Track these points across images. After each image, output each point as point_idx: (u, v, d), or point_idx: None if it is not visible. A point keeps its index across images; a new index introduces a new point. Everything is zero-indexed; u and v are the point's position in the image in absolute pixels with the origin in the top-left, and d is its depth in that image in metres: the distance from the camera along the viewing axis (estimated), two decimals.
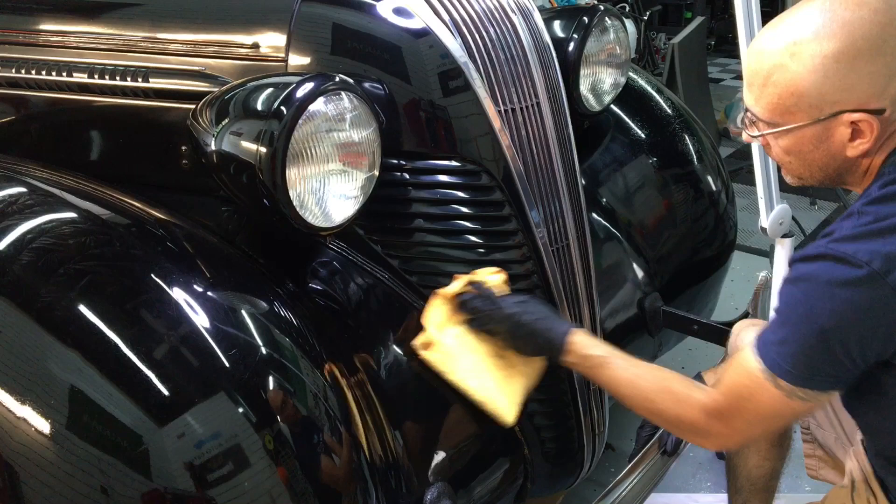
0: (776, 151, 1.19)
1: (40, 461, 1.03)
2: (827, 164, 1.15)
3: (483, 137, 1.46)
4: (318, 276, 1.50)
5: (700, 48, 4.87)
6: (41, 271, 1.18)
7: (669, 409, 1.27)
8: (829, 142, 1.12)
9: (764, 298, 2.07)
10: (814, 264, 1.08)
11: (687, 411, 1.24)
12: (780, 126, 1.13)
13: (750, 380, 1.14)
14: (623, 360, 1.34)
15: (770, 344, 1.12)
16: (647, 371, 1.32)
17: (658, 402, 1.28)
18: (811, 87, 1.08)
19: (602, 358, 1.34)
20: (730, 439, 1.27)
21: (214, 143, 1.33)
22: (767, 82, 1.12)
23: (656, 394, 1.28)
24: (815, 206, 4.07)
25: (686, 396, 1.25)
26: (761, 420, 1.18)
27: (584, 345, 1.36)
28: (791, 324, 1.10)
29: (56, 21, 1.76)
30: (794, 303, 1.10)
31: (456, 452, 1.42)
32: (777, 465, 1.65)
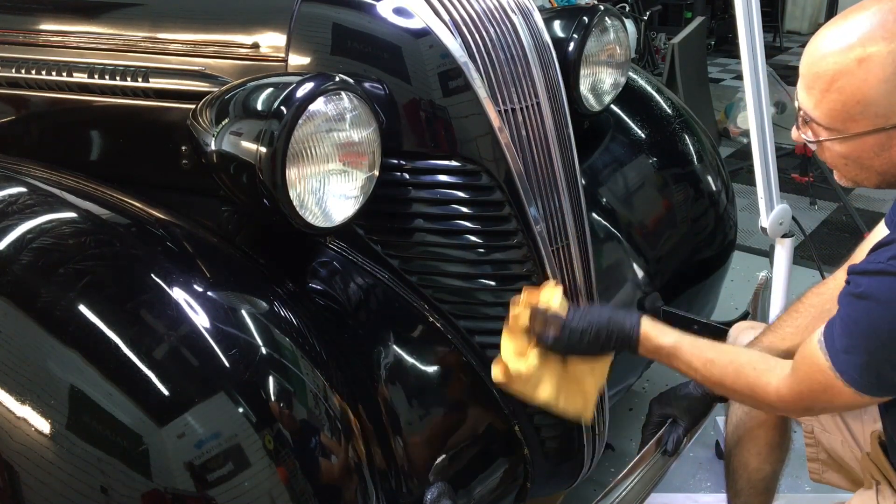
0: (831, 155, 1.16)
1: (40, 461, 1.03)
2: (887, 171, 1.13)
3: (483, 137, 1.46)
4: (318, 276, 1.50)
5: (700, 48, 4.87)
6: (41, 271, 1.18)
7: (745, 392, 1.30)
8: (892, 150, 1.09)
9: (764, 298, 2.07)
10: (874, 280, 1.08)
11: (762, 396, 1.27)
12: (840, 132, 1.10)
13: (822, 375, 1.16)
14: (691, 346, 1.35)
15: (838, 351, 1.13)
16: (717, 355, 1.33)
17: (734, 385, 1.31)
18: (880, 96, 1.05)
19: (671, 347, 1.36)
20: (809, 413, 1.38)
21: (214, 143, 1.33)
22: (831, 88, 1.08)
23: (729, 378, 1.31)
24: (815, 206, 4.07)
25: (759, 382, 1.27)
26: (836, 406, 1.26)
27: (653, 335, 1.37)
28: (854, 337, 1.11)
29: (56, 21, 1.76)
30: (857, 318, 1.11)
31: (456, 452, 1.42)
32: (777, 467, 1.65)
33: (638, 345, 1.38)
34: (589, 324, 1.39)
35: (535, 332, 1.41)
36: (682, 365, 1.36)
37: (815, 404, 1.22)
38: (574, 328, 1.39)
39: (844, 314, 1.13)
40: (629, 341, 1.38)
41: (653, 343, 1.37)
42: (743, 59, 1.95)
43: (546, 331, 1.40)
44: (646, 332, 1.38)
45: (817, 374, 1.17)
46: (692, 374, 1.36)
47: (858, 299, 1.10)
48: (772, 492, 1.67)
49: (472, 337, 1.49)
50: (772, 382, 1.25)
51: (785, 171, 4.08)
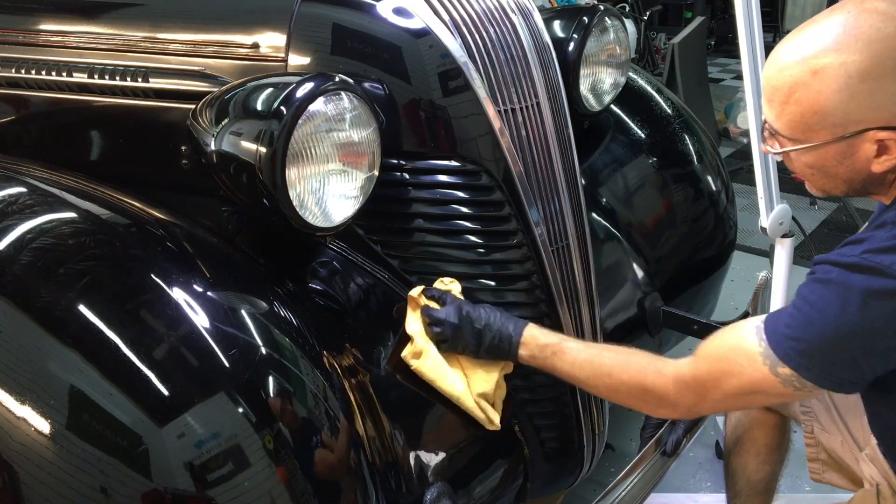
0: (798, 165, 1.17)
1: (40, 461, 1.03)
2: (852, 178, 1.14)
3: (483, 137, 1.46)
4: (318, 276, 1.50)
5: (700, 48, 4.87)
6: (41, 271, 1.18)
7: (633, 380, 1.26)
8: (854, 158, 1.10)
9: (764, 298, 2.07)
10: (847, 273, 1.07)
11: (654, 379, 1.24)
12: (802, 142, 1.11)
13: (745, 358, 1.14)
14: (577, 343, 1.35)
15: (786, 336, 1.11)
16: (604, 349, 1.33)
17: (620, 375, 1.28)
18: (835, 106, 1.06)
19: (555, 345, 1.35)
20: (699, 409, 1.25)
21: (214, 143, 1.33)
22: (789, 100, 1.09)
23: (618, 367, 1.28)
24: (814, 206, 4.07)
25: (653, 365, 1.25)
26: (742, 395, 1.18)
27: (537, 336, 1.37)
28: (816, 323, 1.09)
29: (56, 21, 1.76)
30: (823, 304, 1.08)
31: (456, 452, 1.42)
32: (776, 468, 1.65)
33: (520, 345, 1.37)
34: (470, 313, 1.39)
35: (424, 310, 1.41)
36: (566, 364, 1.34)
37: (717, 388, 1.17)
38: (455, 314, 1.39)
39: (806, 302, 1.11)
40: (510, 342, 1.38)
41: (537, 342, 1.36)
42: (743, 59, 1.95)
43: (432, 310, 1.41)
44: (531, 334, 1.38)
45: (737, 355, 1.15)
46: (577, 371, 1.33)
47: (827, 285, 1.09)
48: (771, 492, 1.67)
49: None
50: (668, 364, 1.23)
51: (785, 171, 4.07)
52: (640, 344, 1.90)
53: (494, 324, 1.39)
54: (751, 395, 1.17)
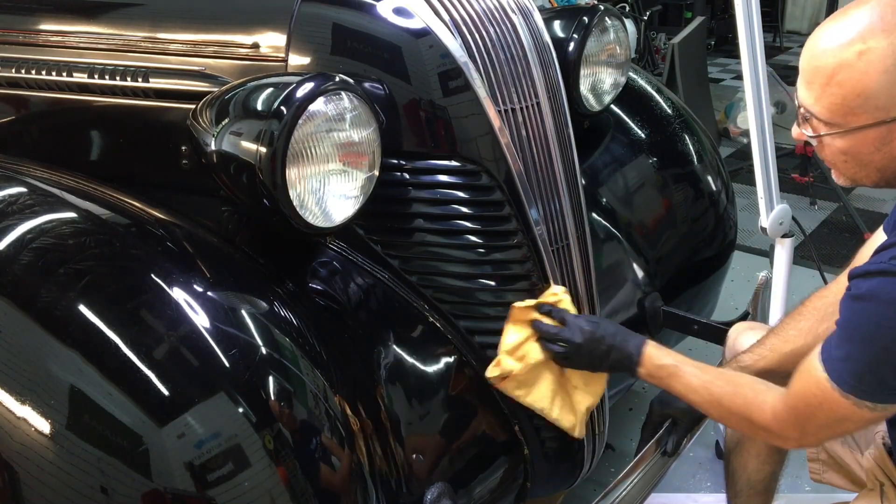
0: (830, 151, 1.15)
1: (40, 461, 1.03)
2: (886, 167, 1.13)
3: (483, 137, 1.46)
4: (318, 276, 1.50)
5: (700, 48, 4.87)
6: (41, 271, 1.18)
7: (741, 414, 1.28)
8: (893, 144, 1.09)
9: (764, 298, 2.07)
10: (875, 280, 1.07)
11: (759, 417, 1.25)
12: (840, 127, 1.10)
13: (818, 389, 1.14)
14: (693, 368, 1.36)
15: (835, 359, 1.12)
16: (716, 376, 1.34)
17: (730, 407, 1.30)
18: (880, 88, 1.04)
19: (673, 367, 1.37)
20: (806, 441, 1.27)
21: (214, 143, 1.33)
22: (831, 82, 1.07)
23: (727, 399, 1.30)
24: (815, 206, 4.07)
25: (756, 402, 1.26)
26: (832, 425, 1.18)
27: (656, 356, 1.39)
28: (855, 341, 1.09)
29: (56, 21, 1.76)
30: (858, 321, 1.09)
31: (456, 452, 1.42)
32: (776, 468, 1.65)
33: (639, 364, 1.40)
34: (595, 334, 1.41)
35: (540, 326, 1.43)
36: (681, 386, 1.37)
37: (811, 422, 1.19)
38: (578, 329, 1.41)
39: (844, 320, 1.12)
40: (631, 360, 1.41)
41: (654, 363, 1.39)
42: (743, 59, 1.95)
43: (548, 326, 1.42)
44: (649, 353, 1.40)
45: (813, 387, 1.15)
46: (691, 395, 1.36)
47: (859, 301, 1.09)
48: (771, 492, 1.67)
49: (472, 337, 1.49)
50: (768, 401, 1.24)
51: (785, 171, 4.08)
52: None
53: (618, 343, 1.41)
54: (840, 423, 1.17)
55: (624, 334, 1.43)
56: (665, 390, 1.47)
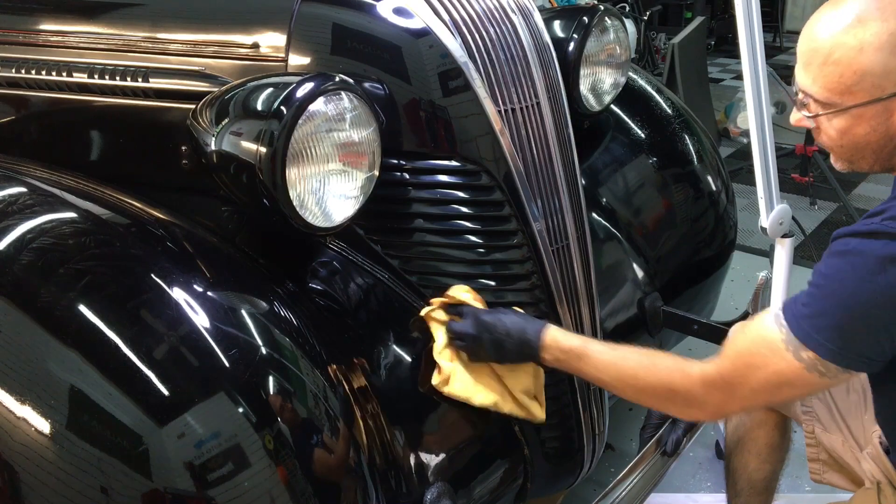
0: (829, 134, 1.16)
1: (40, 461, 1.03)
2: (882, 147, 1.13)
3: (483, 137, 1.46)
4: (318, 276, 1.50)
5: (700, 48, 4.87)
6: (41, 271, 1.18)
7: (660, 382, 1.24)
8: (889, 122, 1.10)
9: (764, 298, 2.07)
10: (865, 240, 1.06)
11: (680, 380, 1.22)
12: (837, 106, 1.11)
13: (767, 347, 1.12)
14: (601, 345, 1.33)
15: (803, 316, 1.10)
16: (629, 351, 1.30)
17: (646, 377, 1.26)
18: (876, 64, 1.06)
19: (580, 348, 1.33)
20: (727, 408, 1.24)
21: (214, 143, 1.33)
22: (828, 61, 1.09)
23: (644, 369, 1.27)
24: (815, 206, 4.07)
25: (679, 366, 1.23)
26: (769, 389, 1.15)
27: (560, 339, 1.36)
28: (833, 297, 1.07)
29: (56, 21, 1.76)
30: (840, 276, 1.07)
31: (456, 452, 1.42)
32: (777, 467, 1.65)
33: (541, 349, 1.36)
34: (487, 323, 1.38)
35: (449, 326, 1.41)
36: (590, 367, 1.32)
37: (745, 384, 1.15)
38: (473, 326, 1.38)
39: (821, 276, 1.10)
40: (529, 344, 1.37)
41: (559, 346, 1.35)
42: (743, 59, 1.95)
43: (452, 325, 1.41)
44: (553, 337, 1.36)
45: (761, 346, 1.13)
46: (603, 375, 1.32)
47: (843, 256, 1.07)
48: (771, 492, 1.67)
49: None
50: (695, 366, 1.21)
51: (785, 171, 4.09)
52: (639, 344, 1.90)
53: (514, 330, 1.37)
54: (778, 387, 1.14)
55: (524, 321, 1.39)
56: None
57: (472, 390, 1.41)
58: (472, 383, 1.41)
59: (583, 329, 1.60)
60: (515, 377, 1.44)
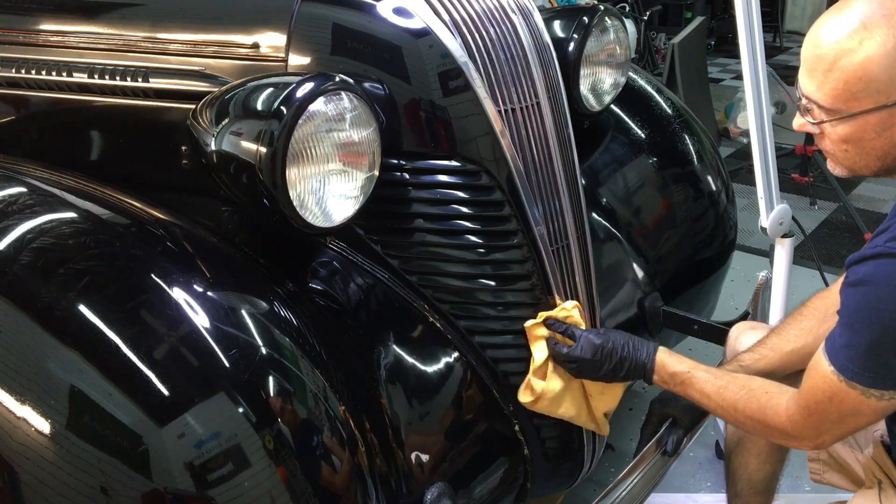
0: (832, 140, 1.16)
1: (40, 461, 1.03)
2: (886, 154, 1.14)
3: (483, 137, 1.46)
4: (318, 276, 1.50)
5: (700, 48, 4.87)
6: (41, 271, 1.18)
7: (756, 417, 1.29)
8: (894, 129, 1.10)
9: (764, 298, 2.07)
10: (871, 264, 1.08)
11: (774, 419, 1.26)
12: (842, 113, 1.11)
13: (826, 383, 1.15)
14: (705, 373, 1.38)
15: (838, 348, 1.13)
16: (730, 381, 1.35)
17: (745, 410, 1.31)
18: (881, 71, 1.06)
19: (686, 374, 1.39)
20: (822, 439, 1.26)
21: (214, 143, 1.33)
22: (833, 67, 1.09)
23: (742, 402, 1.31)
24: (815, 206, 4.07)
25: (770, 404, 1.27)
26: (845, 419, 1.18)
27: (668, 364, 1.41)
28: (855, 327, 1.10)
29: (56, 21, 1.76)
30: (857, 306, 1.10)
31: (456, 452, 1.42)
32: (777, 467, 1.65)
33: (653, 373, 1.43)
34: (604, 348, 1.43)
35: (551, 346, 1.46)
36: (695, 392, 1.38)
37: (825, 419, 1.19)
38: (590, 350, 1.43)
39: (843, 307, 1.13)
40: (644, 370, 1.43)
41: (668, 371, 1.41)
42: (743, 59, 1.95)
43: (561, 347, 1.45)
44: (661, 361, 1.42)
45: (821, 383, 1.16)
46: (705, 401, 1.37)
47: (857, 286, 1.10)
48: (772, 492, 1.67)
49: (472, 337, 1.49)
50: (782, 403, 1.25)
51: (785, 171, 4.09)
52: None
53: (628, 355, 1.44)
54: (851, 416, 1.17)
55: (634, 344, 1.45)
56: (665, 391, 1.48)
57: (556, 407, 1.47)
58: (560, 401, 1.47)
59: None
60: (603, 398, 1.52)
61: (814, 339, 1.45)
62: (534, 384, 1.46)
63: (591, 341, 1.44)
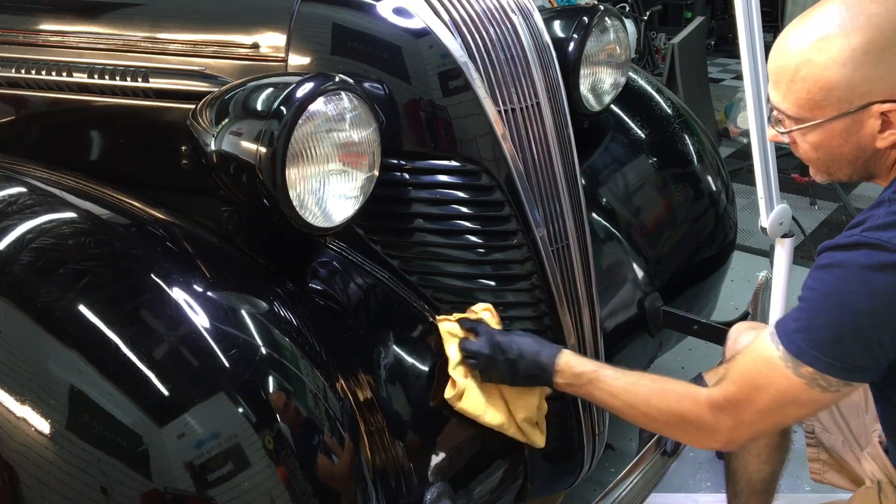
0: (804, 148, 1.18)
1: (40, 461, 1.03)
2: (856, 158, 1.15)
3: (483, 137, 1.46)
4: (318, 276, 1.50)
5: (700, 48, 4.87)
6: (41, 271, 1.18)
7: (671, 409, 1.25)
8: (859, 134, 1.11)
9: (764, 298, 2.07)
10: (848, 252, 1.07)
11: (690, 407, 1.22)
12: (808, 121, 1.13)
13: (767, 367, 1.13)
14: (613, 371, 1.34)
15: (795, 331, 1.10)
16: (640, 377, 1.32)
17: (658, 404, 1.27)
18: (841, 79, 1.08)
19: (592, 373, 1.35)
20: (738, 433, 1.22)
21: (214, 143, 1.33)
22: (795, 78, 1.11)
23: (655, 396, 1.27)
24: (814, 206, 4.07)
25: (688, 393, 1.24)
26: (775, 409, 1.15)
27: (572, 364, 1.37)
28: (822, 309, 1.08)
29: (56, 21, 1.76)
30: (826, 288, 1.08)
31: (456, 452, 1.42)
32: (776, 467, 1.65)
33: (555, 373, 1.37)
34: (502, 344, 1.40)
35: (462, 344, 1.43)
36: (602, 392, 1.33)
37: (751, 406, 1.16)
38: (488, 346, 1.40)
39: (808, 290, 1.11)
40: (544, 370, 1.38)
41: (573, 371, 1.36)
42: (743, 59, 1.95)
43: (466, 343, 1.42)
44: (566, 362, 1.37)
45: (762, 367, 1.13)
46: (613, 400, 1.32)
47: (828, 269, 1.09)
48: (771, 492, 1.67)
49: None
50: (702, 391, 1.22)
51: (785, 171, 4.08)
52: (639, 344, 1.91)
53: (527, 353, 1.39)
54: (783, 407, 1.15)
55: (538, 345, 1.41)
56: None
57: (483, 409, 1.42)
58: (484, 402, 1.42)
59: (583, 329, 1.60)
60: (518, 404, 1.46)
61: None
62: (455, 378, 1.41)
63: (492, 337, 1.41)
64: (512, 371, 1.40)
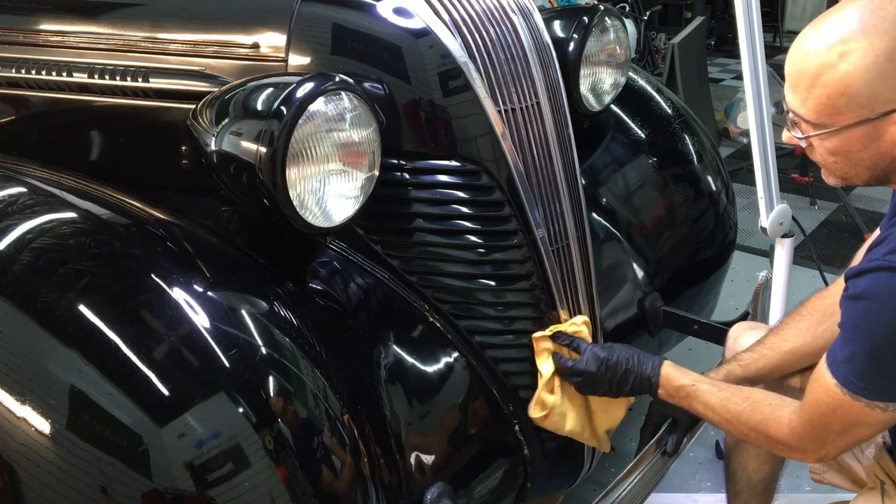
0: (820, 153, 1.16)
1: (40, 461, 1.03)
2: (875, 164, 1.13)
3: (483, 137, 1.46)
4: (318, 276, 1.50)
5: (700, 48, 4.87)
6: (41, 271, 1.18)
7: (760, 430, 1.29)
8: (880, 141, 1.10)
9: (764, 298, 2.07)
10: (869, 277, 1.08)
11: (776, 432, 1.27)
12: (827, 127, 1.11)
13: (829, 395, 1.15)
14: (710, 386, 1.39)
15: (840, 361, 1.13)
16: (734, 394, 1.35)
17: (749, 423, 1.31)
18: (863, 86, 1.06)
19: (691, 387, 1.40)
20: (826, 451, 1.26)
21: (214, 143, 1.33)
22: (815, 83, 1.09)
23: (747, 416, 1.31)
24: (814, 206, 4.07)
25: (773, 417, 1.28)
26: (849, 430, 1.18)
27: (672, 376, 1.42)
28: (856, 340, 1.10)
29: (56, 21, 1.76)
30: (857, 319, 1.10)
31: (456, 452, 1.42)
32: (776, 467, 1.65)
33: (658, 387, 1.43)
34: (609, 361, 1.44)
35: (557, 360, 1.47)
36: (699, 405, 1.39)
37: (828, 431, 1.19)
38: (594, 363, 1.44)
39: (843, 321, 1.13)
40: (649, 384, 1.44)
41: (672, 384, 1.42)
42: (743, 59, 1.95)
43: (565, 361, 1.46)
44: (666, 374, 1.42)
45: (824, 395, 1.16)
46: (710, 413, 1.38)
47: (856, 300, 1.10)
48: (771, 492, 1.67)
49: (472, 337, 1.49)
50: (784, 416, 1.25)
51: (785, 171, 4.08)
52: (640, 344, 1.91)
53: (633, 368, 1.44)
54: (855, 428, 1.17)
55: (639, 358, 1.45)
56: None
57: (563, 423, 1.48)
58: (566, 417, 1.48)
59: None
60: (606, 415, 1.53)
61: (812, 339, 1.45)
62: (545, 398, 1.46)
63: (597, 354, 1.45)
64: (618, 387, 1.45)
